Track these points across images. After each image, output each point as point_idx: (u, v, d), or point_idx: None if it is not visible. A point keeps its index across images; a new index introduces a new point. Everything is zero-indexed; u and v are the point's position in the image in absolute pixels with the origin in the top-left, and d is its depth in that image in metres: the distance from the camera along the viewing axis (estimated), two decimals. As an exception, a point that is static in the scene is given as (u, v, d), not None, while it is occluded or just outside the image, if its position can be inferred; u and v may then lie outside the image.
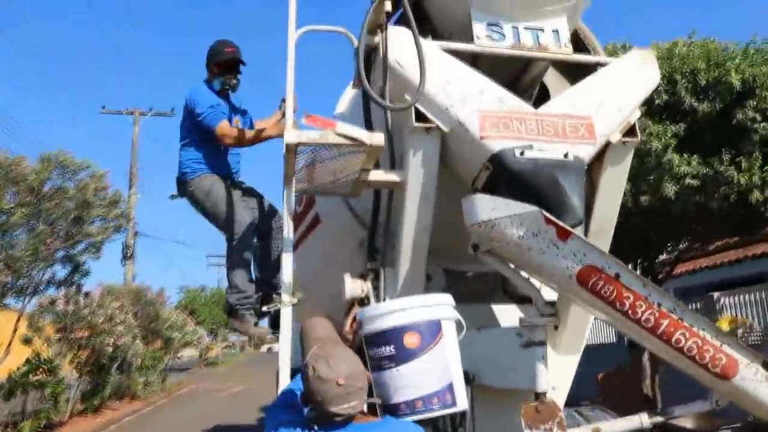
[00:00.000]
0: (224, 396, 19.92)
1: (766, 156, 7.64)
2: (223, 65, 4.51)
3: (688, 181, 7.60)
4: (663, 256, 11.20)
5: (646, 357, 9.45)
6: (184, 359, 34.91)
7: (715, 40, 8.35)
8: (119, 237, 22.26)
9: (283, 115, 4.57)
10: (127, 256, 22.84)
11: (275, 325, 6.27)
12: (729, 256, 13.72)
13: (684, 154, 7.70)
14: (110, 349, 15.01)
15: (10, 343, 12.56)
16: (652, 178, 7.84)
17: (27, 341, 13.29)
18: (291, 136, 2.79)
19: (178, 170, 4.57)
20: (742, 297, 11.68)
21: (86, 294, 14.62)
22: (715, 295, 11.84)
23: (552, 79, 3.66)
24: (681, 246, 10.47)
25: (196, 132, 4.48)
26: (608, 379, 11.74)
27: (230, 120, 4.52)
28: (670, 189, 7.64)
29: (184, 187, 4.55)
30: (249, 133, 4.44)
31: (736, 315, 11.25)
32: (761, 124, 7.42)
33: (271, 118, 4.75)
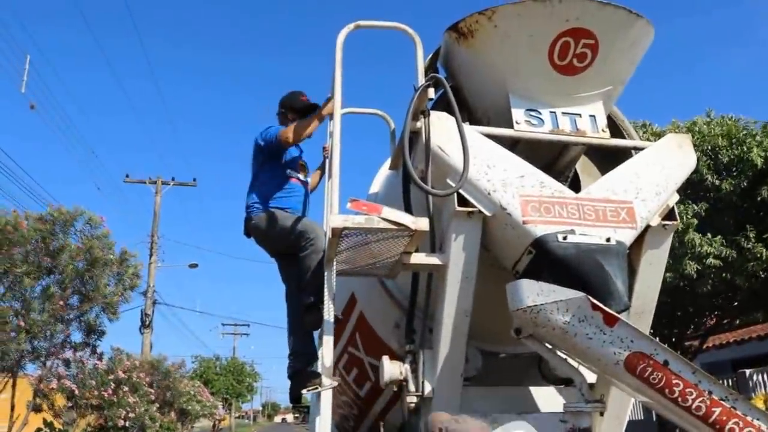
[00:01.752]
0: (239, 470, 19.44)
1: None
2: (301, 112, 4.62)
3: (710, 261, 7.56)
4: (689, 331, 11.00)
5: (677, 436, 9.15)
6: (195, 430, 34.27)
7: (734, 117, 8.43)
8: (138, 304, 22.31)
9: (322, 168, 4.76)
10: (145, 324, 22.78)
11: (295, 399, 6.17)
12: (756, 330, 13.44)
13: (707, 234, 7.69)
14: (121, 422, 14.77)
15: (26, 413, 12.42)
16: (675, 256, 7.81)
17: (36, 409, 13.05)
18: (336, 220, 2.83)
19: (245, 211, 4.65)
20: (774, 374, 11.37)
21: (100, 356, 14.46)
22: (747, 372, 11.53)
23: (579, 162, 3.71)
24: (707, 321, 10.31)
25: (263, 171, 4.59)
26: (637, 459, 11.38)
27: (295, 163, 4.68)
28: (692, 268, 7.60)
29: (247, 225, 4.59)
30: (304, 124, 4.45)
31: (770, 393, 10.93)
32: (787, 201, 7.42)
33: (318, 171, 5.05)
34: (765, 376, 11.45)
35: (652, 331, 2.87)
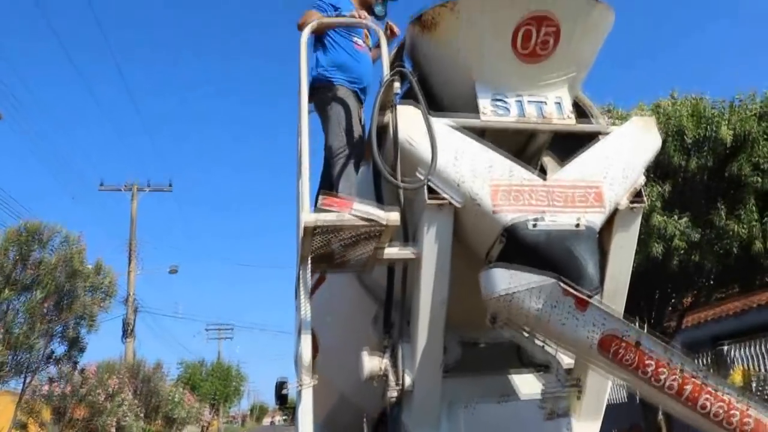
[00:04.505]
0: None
1: (762, 208, 7.73)
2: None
3: (676, 241, 7.62)
4: (668, 311, 11.13)
5: (660, 416, 9.30)
6: (184, 436, 34.04)
7: (698, 96, 8.51)
8: (119, 313, 22.07)
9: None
10: (127, 333, 22.54)
11: (281, 400, 6.11)
12: (734, 307, 13.64)
13: (674, 214, 7.74)
14: (113, 430, 14.66)
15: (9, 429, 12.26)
16: (640, 239, 7.84)
17: (22, 426, 12.90)
18: (308, 218, 2.83)
19: (309, 74, 4.17)
20: (751, 348, 11.57)
21: (82, 370, 14.36)
22: (725, 347, 11.73)
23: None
24: (685, 300, 10.44)
25: (324, 37, 4.16)
26: (623, 439, 11.53)
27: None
28: (657, 249, 7.64)
29: (310, 92, 4.27)
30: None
31: (747, 366, 11.12)
32: (755, 177, 7.53)
33: None
34: (742, 350, 11.66)
35: (629, 315, 2.90)
